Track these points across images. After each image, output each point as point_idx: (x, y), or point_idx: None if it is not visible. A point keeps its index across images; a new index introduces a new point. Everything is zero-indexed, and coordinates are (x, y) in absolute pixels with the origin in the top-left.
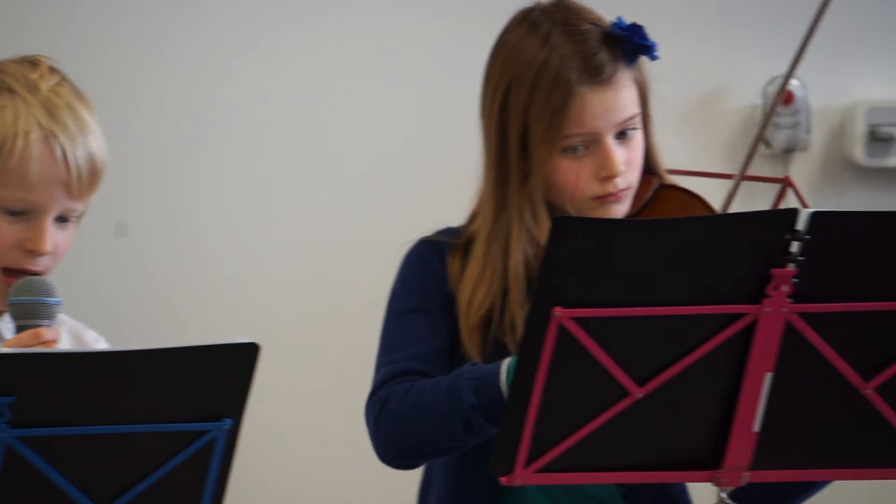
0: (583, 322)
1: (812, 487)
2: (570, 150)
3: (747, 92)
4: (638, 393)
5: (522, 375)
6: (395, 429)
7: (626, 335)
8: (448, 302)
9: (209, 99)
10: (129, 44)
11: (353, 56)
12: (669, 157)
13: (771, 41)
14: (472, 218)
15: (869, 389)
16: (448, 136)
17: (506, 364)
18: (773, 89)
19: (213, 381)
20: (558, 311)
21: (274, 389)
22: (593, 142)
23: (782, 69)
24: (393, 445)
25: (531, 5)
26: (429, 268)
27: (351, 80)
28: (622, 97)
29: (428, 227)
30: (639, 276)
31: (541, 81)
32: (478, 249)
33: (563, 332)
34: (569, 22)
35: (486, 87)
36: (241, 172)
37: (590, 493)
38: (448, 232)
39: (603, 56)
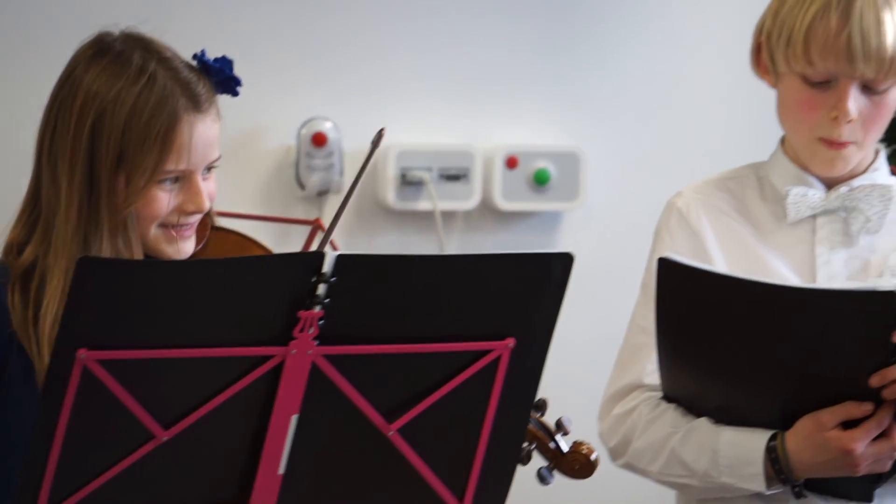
0: (108, 364)
1: None
2: (164, 182)
3: (282, 133)
4: (163, 436)
5: (45, 418)
6: None
7: (152, 377)
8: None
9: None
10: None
11: None
12: None
13: (305, 83)
14: (16, 249)
15: (392, 431)
16: None
17: None
18: (306, 131)
19: None
20: (82, 353)
21: None
22: (184, 177)
23: (316, 112)
24: None
25: (102, 34)
26: None
27: None
28: (216, 130)
29: None
30: (166, 318)
31: (143, 109)
32: (60, 265)
33: (87, 374)
34: (154, 51)
35: (64, 115)
36: None
37: None
38: None
39: (200, 86)
